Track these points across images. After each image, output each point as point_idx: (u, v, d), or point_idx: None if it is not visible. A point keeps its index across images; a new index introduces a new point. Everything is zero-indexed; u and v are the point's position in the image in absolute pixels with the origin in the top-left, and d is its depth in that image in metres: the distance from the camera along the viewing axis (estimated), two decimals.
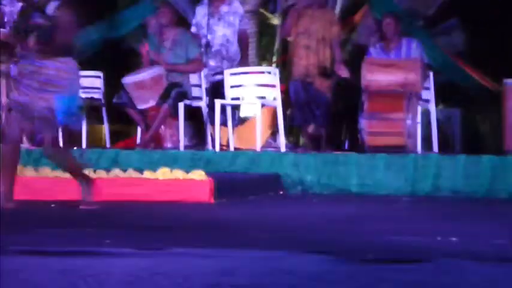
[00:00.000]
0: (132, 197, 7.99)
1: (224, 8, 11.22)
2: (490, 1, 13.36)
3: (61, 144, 7.55)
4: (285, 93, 10.92)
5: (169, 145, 10.98)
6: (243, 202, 8.01)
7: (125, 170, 8.71)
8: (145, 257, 4.15)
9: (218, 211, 7.17)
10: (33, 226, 5.75)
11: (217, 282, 3.91)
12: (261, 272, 3.98)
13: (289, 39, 11.38)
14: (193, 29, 11.41)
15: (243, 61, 11.30)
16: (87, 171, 7.62)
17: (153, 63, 10.90)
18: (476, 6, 13.36)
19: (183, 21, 12.01)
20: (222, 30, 11.22)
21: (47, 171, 8.57)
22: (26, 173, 8.56)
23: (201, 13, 11.32)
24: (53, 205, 7.43)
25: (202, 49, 11.08)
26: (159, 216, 6.58)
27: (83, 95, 11.10)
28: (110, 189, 8.06)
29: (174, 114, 10.70)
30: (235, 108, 10.92)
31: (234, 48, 11.29)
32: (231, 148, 10.65)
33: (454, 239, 5.00)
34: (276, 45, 13.05)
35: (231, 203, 7.78)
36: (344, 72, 10.69)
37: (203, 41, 11.21)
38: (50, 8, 6.77)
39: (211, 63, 11.18)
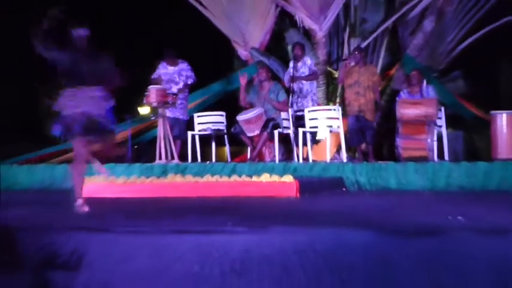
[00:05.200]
0: (245, 193, 8.03)
1: (300, 64, 11.25)
2: (483, 58, 13.19)
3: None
4: (345, 123, 10.96)
5: (268, 159, 11.04)
6: (318, 196, 7.97)
7: (240, 176, 8.82)
8: (255, 233, 4.19)
9: (302, 203, 7.19)
10: (180, 214, 5.87)
11: (303, 248, 4.01)
12: (331, 240, 4.05)
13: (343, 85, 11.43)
14: (287, 77, 11.43)
15: (307, 78, 11.29)
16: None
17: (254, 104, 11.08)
18: (473, 63, 13.23)
19: (276, 76, 12.13)
20: None
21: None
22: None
23: (290, 66, 11.38)
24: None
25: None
26: (263, 206, 6.59)
27: (213, 127, 11.28)
28: (231, 189, 8.21)
29: (271, 139, 10.80)
30: (312, 133, 10.94)
31: (306, 88, 11.27)
32: (310, 160, 10.68)
33: (460, 218, 4.97)
34: (338, 91, 13.04)
35: (310, 198, 7.74)
36: None
37: (289, 85, 11.29)
38: None
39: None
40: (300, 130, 10.69)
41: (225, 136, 11.54)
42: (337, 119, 10.55)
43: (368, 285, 3.85)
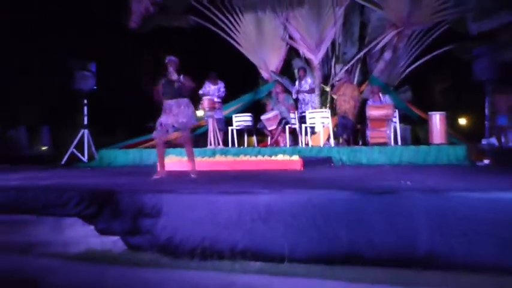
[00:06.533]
0: (267, 168, 8.02)
1: (303, 82, 11.27)
2: (423, 77, 13.10)
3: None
4: (333, 121, 10.90)
5: (282, 145, 11.00)
6: (315, 169, 7.95)
7: (263, 156, 8.78)
8: (274, 193, 4.17)
9: (304, 174, 7.17)
10: (224, 181, 5.86)
11: (305, 203, 4.00)
12: (323, 197, 4.03)
13: (334, 96, 11.35)
14: (294, 90, 11.46)
15: (308, 91, 11.31)
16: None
17: (272, 108, 11.01)
18: (417, 80, 13.19)
19: (287, 90, 12.05)
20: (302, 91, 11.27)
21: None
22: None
23: (296, 83, 11.40)
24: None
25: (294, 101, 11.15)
26: (279, 176, 6.56)
27: (245, 124, 11.24)
28: (258, 164, 8.18)
29: (284, 131, 10.77)
30: (311, 128, 10.89)
31: (307, 98, 11.27)
32: (309, 146, 10.63)
33: (409, 182, 4.94)
34: (328, 99, 12.96)
35: (310, 170, 7.72)
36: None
37: (295, 96, 11.31)
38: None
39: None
40: (303, 126, 10.67)
41: (253, 130, 11.48)
42: (328, 118, 10.50)
43: (348, 225, 3.86)
